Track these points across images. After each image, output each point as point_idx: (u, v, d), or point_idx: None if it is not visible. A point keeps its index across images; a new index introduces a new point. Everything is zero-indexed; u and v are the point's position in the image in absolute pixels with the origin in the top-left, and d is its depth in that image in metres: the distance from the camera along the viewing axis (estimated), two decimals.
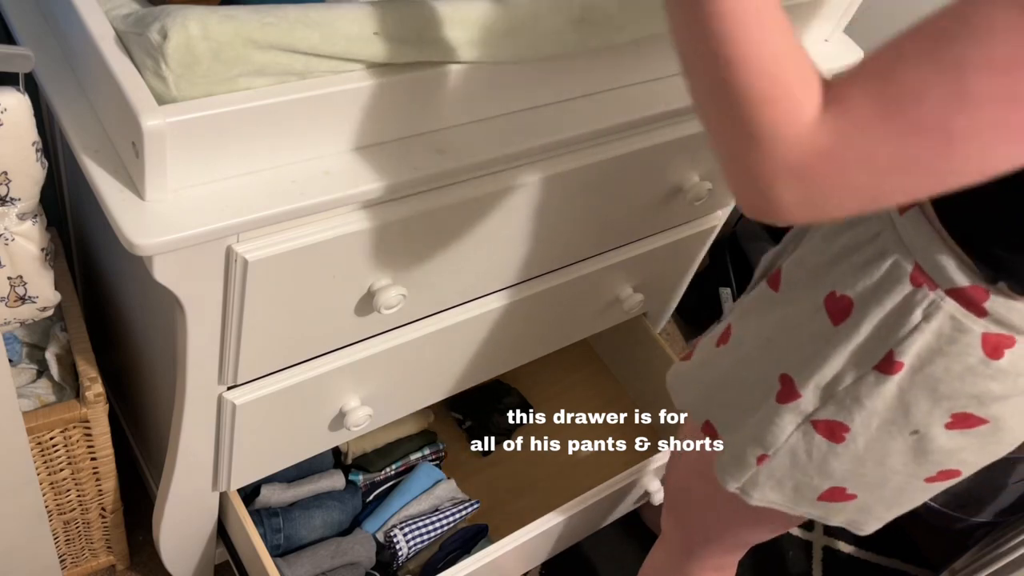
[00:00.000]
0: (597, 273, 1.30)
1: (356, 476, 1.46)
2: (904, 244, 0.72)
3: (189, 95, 0.76)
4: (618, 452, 1.70)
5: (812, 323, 0.79)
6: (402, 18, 0.83)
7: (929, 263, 0.70)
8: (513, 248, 1.12)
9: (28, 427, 1.01)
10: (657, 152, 1.14)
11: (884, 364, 0.74)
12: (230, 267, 0.86)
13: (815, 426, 0.80)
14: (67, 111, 0.83)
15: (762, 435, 0.84)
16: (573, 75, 1.00)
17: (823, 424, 0.80)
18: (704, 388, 0.93)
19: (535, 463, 1.65)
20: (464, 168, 0.93)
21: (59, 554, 1.29)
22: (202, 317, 0.90)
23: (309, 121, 0.83)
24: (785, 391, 0.81)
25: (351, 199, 0.87)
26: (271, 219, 0.82)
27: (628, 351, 1.75)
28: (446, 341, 1.18)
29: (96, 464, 1.17)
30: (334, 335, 1.05)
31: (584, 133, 1.01)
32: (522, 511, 1.52)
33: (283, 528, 1.33)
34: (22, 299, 0.92)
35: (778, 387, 0.82)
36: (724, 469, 0.89)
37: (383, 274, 0.99)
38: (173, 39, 0.72)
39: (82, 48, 0.80)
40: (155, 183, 0.77)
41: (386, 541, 1.41)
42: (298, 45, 0.78)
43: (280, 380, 1.05)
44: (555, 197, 1.08)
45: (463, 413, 1.67)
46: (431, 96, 0.90)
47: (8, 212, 0.84)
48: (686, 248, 1.44)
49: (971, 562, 1.48)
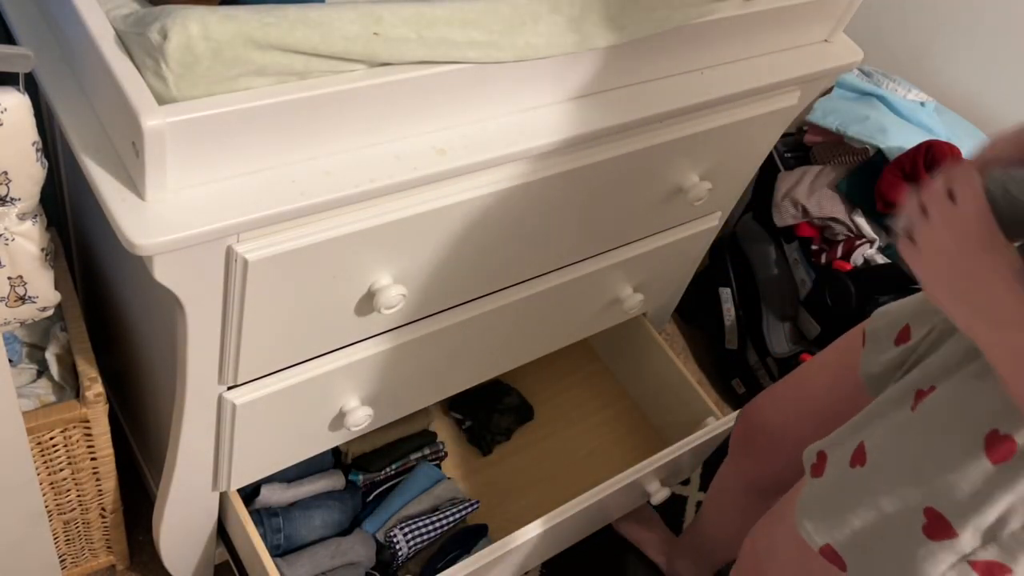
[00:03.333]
0: (597, 273, 1.30)
1: (356, 476, 1.46)
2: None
3: (189, 95, 0.76)
4: (618, 452, 1.70)
5: (967, 462, 0.74)
6: (402, 18, 0.83)
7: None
8: (513, 248, 1.12)
9: (28, 427, 1.01)
10: (657, 152, 1.14)
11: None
12: (230, 267, 0.86)
13: (973, 566, 0.76)
14: (67, 111, 0.83)
15: (911, 570, 0.78)
16: (573, 75, 1.00)
17: (982, 565, 0.76)
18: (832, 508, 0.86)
19: (535, 463, 1.65)
20: (464, 168, 0.93)
21: (59, 554, 1.29)
22: (202, 317, 0.90)
23: (309, 121, 0.83)
24: (935, 527, 0.77)
25: (351, 199, 0.87)
26: (271, 219, 0.82)
27: (628, 351, 1.75)
28: (446, 341, 1.18)
29: (96, 464, 1.17)
30: (334, 335, 1.05)
31: (584, 133, 1.01)
32: (522, 511, 1.52)
33: (283, 528, 1.33)
34: (22, 299, 0.92)
35: (924, 521, 0.77)
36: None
37: (383, 274, 0.99)
38: (173, 39, 0.72)
39: (82, 48, 0.80)
40: (155, 183, 0.77)
41: (386, 541, 1.41)
42: (298, 45, 0.78)
43: (280, 380, 1.05)
44: (556, 197, 1.08)
45: (463, 413, 1.67)
46: (431, 96, 0.90)
47: (8, 212, 0.84)
48: (686, 248, 1.45)
49: None
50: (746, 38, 1.14)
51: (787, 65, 1.20)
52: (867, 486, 0.82)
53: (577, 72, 1.00)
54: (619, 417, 1.77)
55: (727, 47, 1.13)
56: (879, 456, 0.83)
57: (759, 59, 1.17)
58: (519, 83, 0.96)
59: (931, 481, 0.77)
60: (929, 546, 0.77)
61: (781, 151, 1.77)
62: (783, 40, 1.20)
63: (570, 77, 1.00)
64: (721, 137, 1.21)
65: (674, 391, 1.65)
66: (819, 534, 0.85)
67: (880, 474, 0.82)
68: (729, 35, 1.11)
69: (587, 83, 1.02)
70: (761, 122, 1.25)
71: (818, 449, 0.91)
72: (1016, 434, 0.72)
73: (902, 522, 0.79)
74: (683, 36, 1.05)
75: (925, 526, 0.77)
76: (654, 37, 1.01)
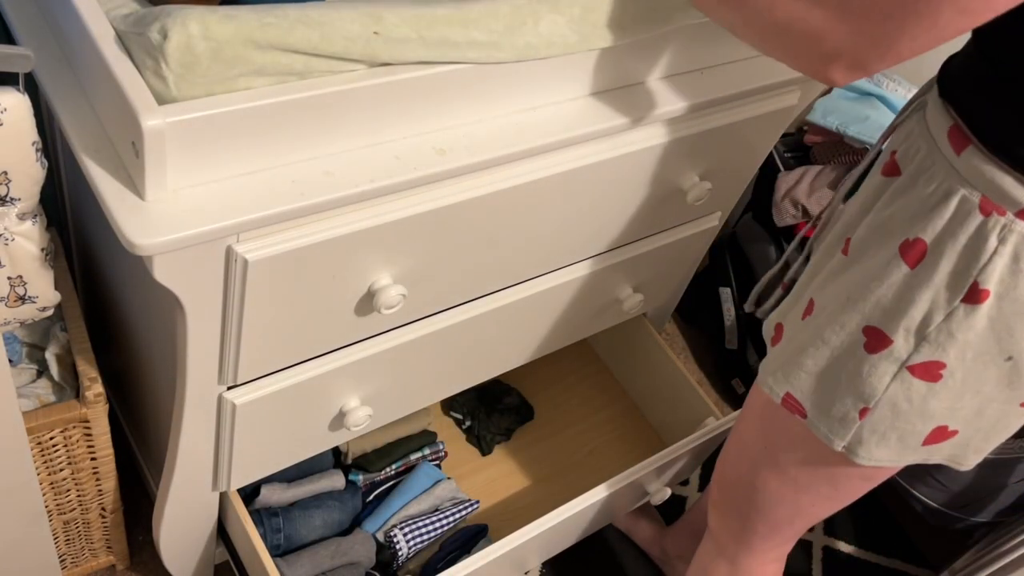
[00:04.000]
0: (597, 273, 1.30)
1: (356, 476, 1.46)
2: (967, 181, 0.76)
3: (189, 95, 0.76)
4: (618, 452, 1.70)
5: (889, 273, 0.82)
6: (402, 18, 0.83)
7: (995, 191, 0.75)
8: (513, 248, 1.12)
9: (28, 427, 1.01)
10: (657, 152, 1.14)
11: (971, 295, 0.77)
12: (230, 267, 0.86)
13: (912, 371, 0.83)
14: (67, 111, 0.83)
15: (860, 388, 0.86)
16: (573, 75, 1.00)
17: (919, 367, 0.82)
18: (787, 359, 0.93)
19: (535, 463, 1.66)
20: (464, 168, 0.93)
21: (59, 554, 1.29)
22: (202, 317, 0.90)
23: (309, 121, 0.83)
24: (873, 342, 0.84)
25: (351, 199, 0.87)
26: (271, 219, 0.82)
27: (628, 351, 1.75)
28: (446, 341, 1.18)
29: (96, 464, 1.18)
30: (334, 335, 1.05)
31: (584, 133, 1.01)
32: (522, 511, 1.52)
33: (283, 528, 1.33)
34: (22, 299, 0.92)
35: (864, 339, 0.84)
36: (830, 430, 0.90)
37: (383, 274, 0.99)
38: (173, 39, 0.72)
39: (82, 48, 0.80)
40: (155, 183, 0.77)
41: (386, 541, 1.41)
42: (298, 45, 0.78)
43: (280, 380, 1.05)
44: (555, 197, 1.08)
45: (463, 413, 1.67)
46: (431, 96, 0.90)
47: (8, 212, 0.84)
48: (686, 248, 1.45)
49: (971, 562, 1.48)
50: None
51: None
52: (815, 330, 0.89)
53: (577, 72, 1.00)
54: (619, 417, 1.77)
55: (727, 47, 1.13)
56: (822, 300, 0.90)
57: (759, 59, 1.18)
58: (519, 83, 0.96)
59: (864, 301, 0.84)
60: (871, 360, 0.84)
61: (781, 151, 1.78)
62: None
63: (570, 77, 1.00)
64: (721, 137, 1.21)
65: (674, 391, 1.65)
66: (778, 384, 0.93)
67: (824, 314, 0.89)
68: (729, 35, 1.11)
69: (587, 83, 1.02)
70: (761, 122, 1.25)
71: (775, 321, 0.98)
72: (923, 234, 0.79)
73: (847, 347, 0.86)
74: (683, 36, 1.06)
75: (865, 344, 0.84)
76: (654, 37, 1.01)
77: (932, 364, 0.82)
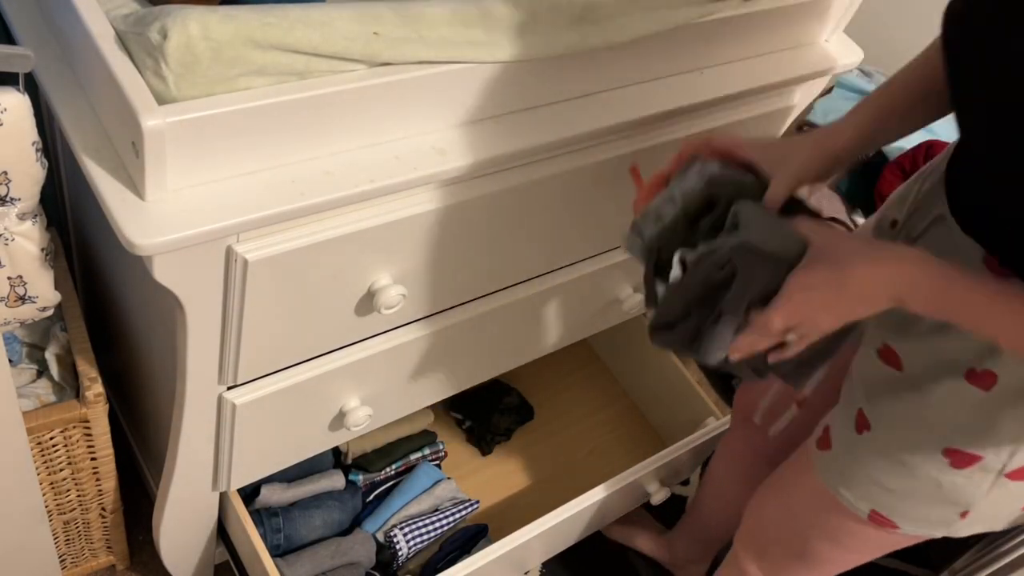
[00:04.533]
0: (597, 273, 1.30)
1: (356, 476, 1.46)
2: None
3: (189, 95, 0.76)
4: (618, 452, 1.70)
5: (962, 398, 0.81)
6: (402, 18, 0.83)
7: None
8: (513, 248, 1.12)
9: (28, 427, 1.01)
10: (658, 152, 1.14)
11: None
12: (230, 267, 0.86)
13: (1011, 477, 0.83)
14: (67, 111, 0.83)
15: (957, 498, 0.86)
16: (573, 75, 1.00)
17: (1018, 472, 0.83)
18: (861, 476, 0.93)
19: (535, 463, 1.66)
20: (464, 168, 0.93)
21: (59, 554, 1.29)
22: (202, 317, 0.90)
23: (309, 121, 0.83)
24: (959, 461, 0.84)
25: (351, 199, 0.87)
26: (271, 219, 0.82)
27: (628, 351, 1.75)
28: (446, 341, 1.18)
29: (96, 464, 1.17)
30: (334, 335, 1.05)
31: (584, 133, 1.01)
32: (522, 511, 1.52)
33: (283, 528, 1.33)
34: (22, 299, 0.92)
35: (947, 460, 0.84)
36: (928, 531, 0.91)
37: (383, 274, 0.99)
38: (173, 39, 0.72)
39: (82, 48, 0.80)
40: (155, 183, 0.77)
41: (386, 541, 1.41)
42: (298, 45, 0.78)
43: (280, 380, 1.05)
44: (555, 197, 1.08)
45: (463, 413, 1.67)
46: (431, 96, 0.90)
47: (8, 212, 0.84)
48: None
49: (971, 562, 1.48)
50: (745, 38, 1.14)
51: (787, 65, 1.20)
52: (881, 448, 0.89)
53: (577, 72, 1.00)
54: (619, 417, 1.77)
55: (727, 47, 1.13)
56: (877, 415, 0.90)
57: (758, 59, 1.17)
58: (519, 83, 0.96)
59: (937, 426, 0.84)
60: (964, 473, 0.84)
61: None
62: (782, 40, 1.19)
63: (570, 77, 1.00)
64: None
65: (674, 391, 1.65)
66: (860, 501, 0.93)
67: (890, 434, 0.89)
68: (728, 35, 1.11)
69: (587, 83, 1.02)
70: (760, 122, 1.25)
71: (825, 424, 0.98)
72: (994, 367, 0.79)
73: (930, 467, 0.86)
74: (683, 36, 1.05)
75: (951, 463, 0.84)
76: (654, 37, 1.00)
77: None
